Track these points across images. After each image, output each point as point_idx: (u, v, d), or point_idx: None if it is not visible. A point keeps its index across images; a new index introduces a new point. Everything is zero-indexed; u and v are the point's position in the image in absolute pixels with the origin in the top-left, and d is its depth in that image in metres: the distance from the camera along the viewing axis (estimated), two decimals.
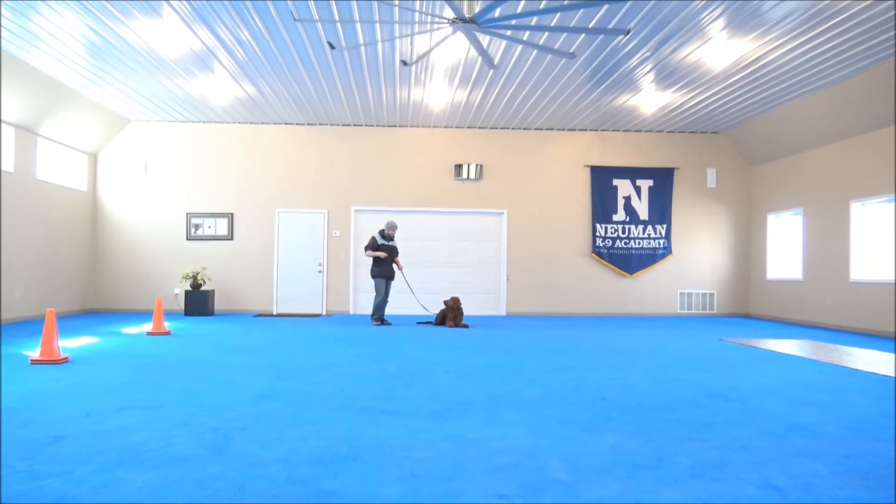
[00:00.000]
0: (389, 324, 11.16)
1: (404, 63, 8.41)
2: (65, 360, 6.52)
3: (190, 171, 13.61)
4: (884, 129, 10.49)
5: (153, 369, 6.17)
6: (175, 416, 4.26)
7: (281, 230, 13.72)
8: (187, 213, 13.58)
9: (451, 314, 11.08)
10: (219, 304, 13.54)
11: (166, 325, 10.18)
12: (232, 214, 13.64)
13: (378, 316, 11.14)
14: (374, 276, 11.16)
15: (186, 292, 12.76)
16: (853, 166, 11.21)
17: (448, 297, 11.29)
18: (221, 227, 13.62)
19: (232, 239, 13.63)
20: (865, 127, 10.79)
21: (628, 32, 7.84)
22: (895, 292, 10.20)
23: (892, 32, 8.24)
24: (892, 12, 7.71)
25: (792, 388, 5.57)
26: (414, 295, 11.63)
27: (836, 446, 3.78)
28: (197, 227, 13.59)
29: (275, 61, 9.80)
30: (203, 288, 13.03)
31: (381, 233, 11.21)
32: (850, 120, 10.96)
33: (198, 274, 12.90)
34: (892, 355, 7.85)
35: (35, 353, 6.81)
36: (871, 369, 6.69)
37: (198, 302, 12.73)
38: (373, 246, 11.12)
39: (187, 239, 13.57)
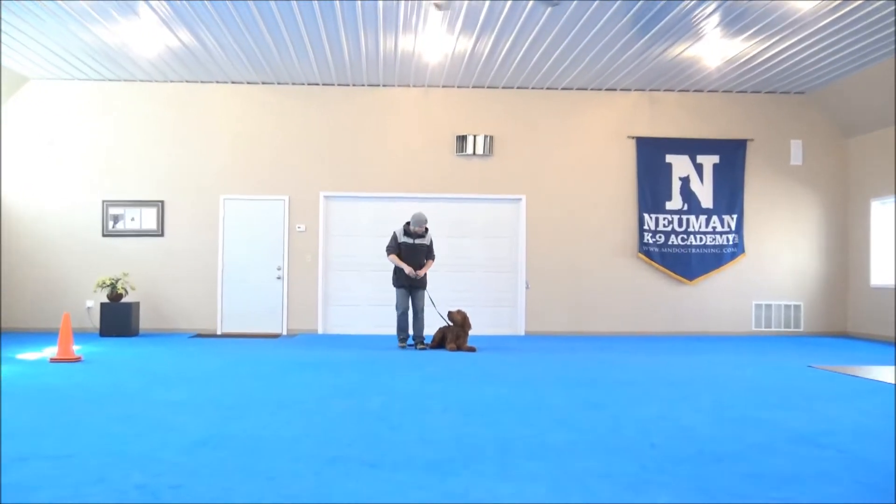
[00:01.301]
0: (424, 346, 11.25)
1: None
2: None
3: (107, 145, 13.64)
4: None
5: (60, 407, 6.14)
6: (89, 469, 4.24)
7: (227, 223, 13.75)
8: (104, 201, 13.60)
9: (452, 334, 11.10)
10: (145, 321, 13.56)
11: (76, 349, 10.13)
12: (162, 203, 13.66)
13: (402, 336, 11.36)
14: (394, 283, 11.40)
15: (103, 306, 12.77)
16: None
17: (454, 310, 11.20)
18: (149, 219, 13.64)
19: (162, 235, 13.66)
20: None
21: None
22: None
23: None
24: None
25: None
26: (435, 307, 11.48)
27: None
28: (116, 219, 13.61)
29: (219, 1, 9.81)
30: (125, 300, 13.05)
31: (406, 227, 11.26)
32: None
33: (118, 281, 12.90)
34: None
35: None
36: None
37: (117, 318, 12.73)
38: (394, 246, 11.27)
39: (104, 235, 13.59)
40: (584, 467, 4.39)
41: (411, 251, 11.17)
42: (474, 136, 13.85)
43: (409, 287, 11.18)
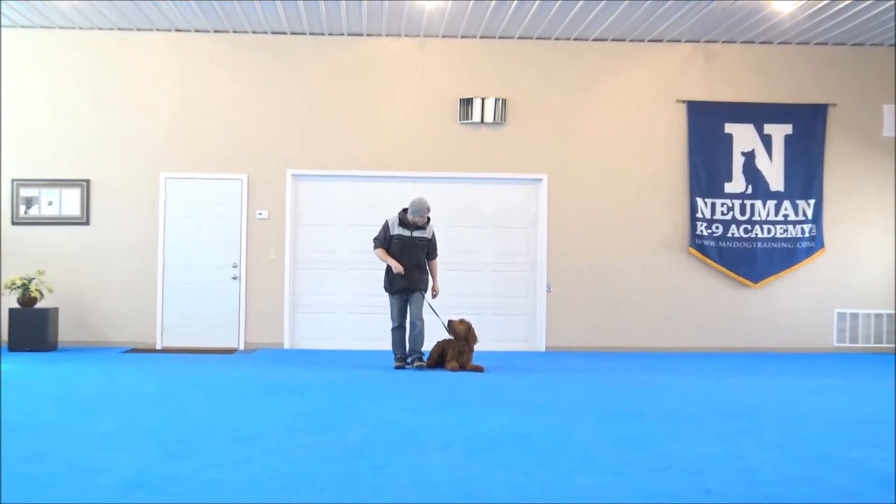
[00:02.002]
0: (422, 364, 11.19)
1: None
2: None
3: (18, 110, 13.63)
4: None
5: None
6: None
7: (170, 209, 13.78)
8: (13, 181, 13.60)
9: (453, 349, 11.08)
10: (65, 332, 13.54)
11: None
12: (87, 183, 13.66)
13: (399, 354, 11.32)
14: (385, 288, 11.37)
15: (12, 312, 12.78)
16: None
17: (455, 319, 11.13)
18: (70, 203, 13.64)
19: (88, 223, 13.67)
20: None
21: None
22: None
23: None
24: None
25: None
26: (437, 315, 11.34)
27: None
28: (29, 202, 13.62)
29: None
30: (39, 305, 13.02)
31: (402, 217, 11.23)
32: None
33: (31, 282, 12.89)
34: None
35: None
36: None
37: (31, 328, 12.73)
38: (382, 239, 11.24)
39: (13, 223, 13.60)
40: None
41: (407, 246, 11.09)
42: (482, 100, 13.84)
43: (405, 291, 11.14)
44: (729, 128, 14.16)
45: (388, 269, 11.15)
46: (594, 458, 5.83)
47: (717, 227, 14.12)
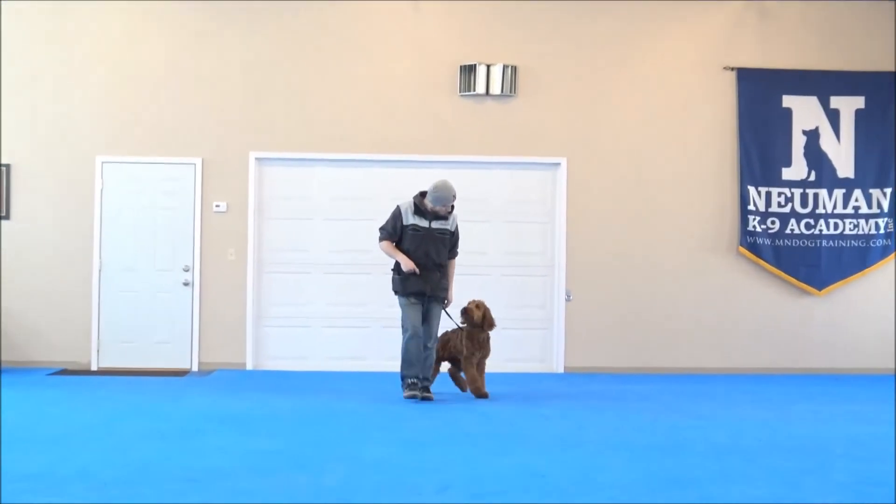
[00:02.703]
0: (429, 395, 10.51)
1: None
2: None
3: None
4: None
5: None
6: None
7: (108, 200, 13.75)
8: None
9: (466, 345, 10.68)
10: None
11: None
12: (7, 168, 13.64)
13: (411, 377, 10.47)
14: (395, 289, 10.73)
15: None
16: None
17: (471, 304, 10.72)
18: None
19: (7, 217, 13.65)
20: None
21: None
22: None
23: None
24: None
25: None
26: (450, 317, 10.89)
27: None
28: None
29: None
30: None
31: (419, 203, 10.59)
32: None
33: None
34: None
35: None
36: None
37: None
38: (391, 229, 10.65)
39: None
40: None
41: (424, 240, 10.47)
42: (488, 68, 13.84)
43: (421, 296, 10.50)
44: (788, 101, 14.18)
45: (398, 265, 10.50)
46: (627, 500, 5.83)
47: (772, 222, 14.16)
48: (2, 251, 13.55)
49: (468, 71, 13.84)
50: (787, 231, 14.14)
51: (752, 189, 14.12)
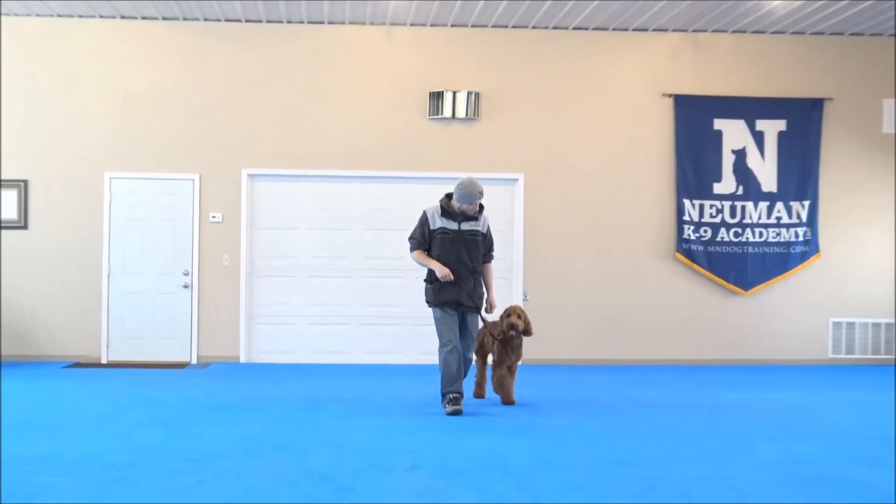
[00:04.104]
0: (460, 409, 8.73)
1: None
2: None
3: None
4: None
5: None
6: None
7: (115, 211, 13.69)
8: None
9: (502, 352, 9.45)
10: (2, 345, 13.43)
11: None
12: (25, 183, 13.55)
13: (453, 392, 8.77)
14: (427, 300, 9.18)
15: None
16: None
17: (513, 311, 9.46)
18: (7, 205, 13.56)
19: (25, 227, 13.56)
20: None
21: None
22: None
23: None
24: None
25: None
26: (485, 323, 9.54)
27: None
28: None
29: None
30: None
31: (446, 204, 9.10)
32: None
33: None
34: None
35: None
36: None
37: None
38: (420, 237, 9.14)
39: None
40: None
41: (455, 243, 8.93)
42: (454, 94, 13.83)
43: (457, 305, 8.93)
44: (718, 124, 14.24)
45: (431, 274, 9.02)
46: (577, 480, 5.91)
47: (705, 231, 14.19)
48: (21, 257, 13.51)
49: (436, 97, 13.82)
50: (718, 239, 14.18)
51: (687, 202, 14.15)
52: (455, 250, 8.84)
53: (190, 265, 13.75)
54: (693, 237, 14.15)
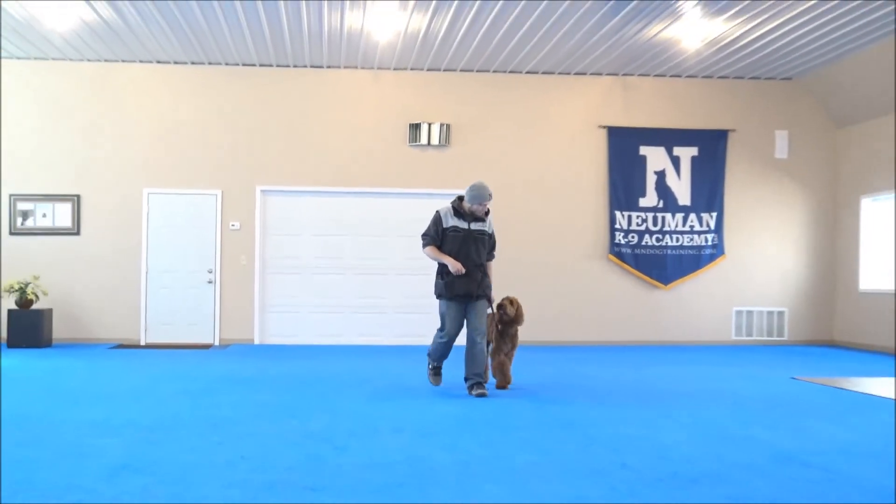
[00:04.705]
0: (483, 392, 8.05)
1: None
2: None
3: (14, 133, 13.40)
4: None
5: None
6: None
7: (152, 220, 13.61)
8: (11, 196, 13.37)
9: (500, 339, 8.61)
10: (59, 330, 13.37)
11: None
12: (78, 197, 13.48)
13: (434, 363, 8.42)
14: (437, 293, 8.33)
15: (10, 313, 12.58)
16: None
17: (507, 299, 8.68)
18: (62, 215, 13.46)
19: (78, 233, 13.48)
20: None
21: None
22: None
23: None
24: None
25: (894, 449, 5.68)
26: (492, 309, 8.74)
27: None
28: (26, 215, 13.41)
29: None
30: (35, 307, 12.84)
31: (457, 205, 8.36)
32: None
33: (27, 286, 12.70)
34: None
35: None
36: None
37: (27, 327, 12.55)
38: (434, 234, 8.31)
39: (11, 233, 13.37)
40: (549, 491, 4.44)
41: (465, 241, 8.20)
42: (429, 125, 13.85)
43: (467, 297, 8.18)
44: (643, 150, 14.25)
45: (442, 270, 8.23)
46: (530, 438, 5.91)
47: (632, 237, 14.21)
48: (75, 258, 13.44)
49: (415, 127, 13.83)
50: (643, 243, 14.20)
51: (618, 213, 14.17)
52: (465, 248, 8.12)
53: (213, 264, 13.67)
54: (623, 242, 14.18)
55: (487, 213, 8.38)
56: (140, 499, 4.20)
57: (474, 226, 8.24)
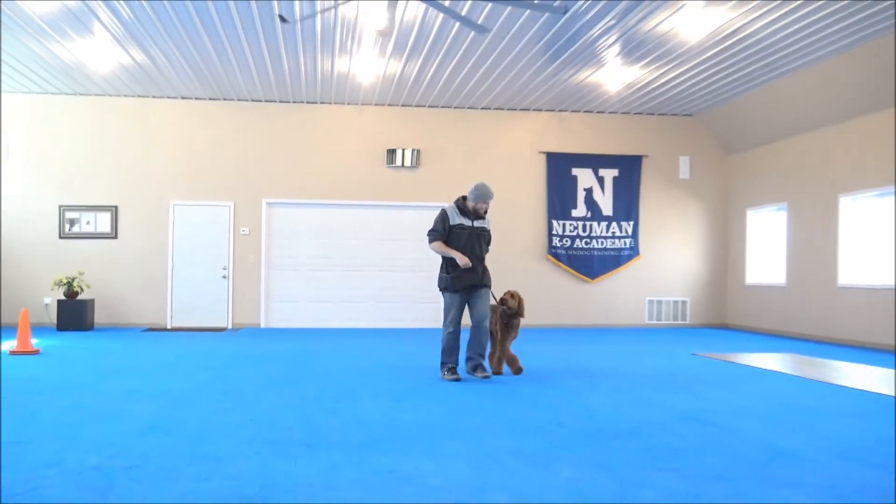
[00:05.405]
0: (487, 374, 7.31)
1: (283, 19, 7.97)
2: None
3: (63, 155, 13.23)
4: (880, 112, 10.88)
5: (17, 397, 5.98)
6: (45, 454, 4.14)
7: (177, 227, 13.49)
8: (60, 206, 13.21)
9: (504, 330, 7.80)
10: (99, 316, 13.23)
11: (34, 342, 9.87)
12: (116, 208, 13.34)
13: (451, 364, 7.29)
14: (443, 287, 7.46)
15: (59, 302, 12.41)
16: (844, 155, 11.65)
17: (508, 294, 7.85)
18: (103, 222, 13.31)
19: (116, 237, 13.33)
20: (859, 110, 11.22)
21: (566, 12, 7.94)
22: None
23: (892, 0, 8.59)
24: None
25: (773, 410, 5.77)
26: (495, 299, 7.90)
27: (823, 475, 3.92)
28: (73, 222, 13.24)
29: (168, 21, 9.60)
30: (80, 297, 12.71)
31: (461, 204, 7.58)
32: (842, 102, 11.38)
33: (74, 280, 12.54)
34: (886, 371, 8.18)
35: None
36: (863, 387, 6.97)
37: (74, 314, 12.39)
38: (441, 230, 7.42)
39: (60, 237, 13.20)
40: (499, 445, 4.47)
41: (469, 237, 7.41)
42: (403, 150, 13.81)
43: (468, 289, 7.35)
44: (575, 171, 14.28)
45: (447, 265, 7.40)
46: (482, 403, 5.93)
47: (566, 241, 14.23)
48: (113, 258, 13.29)
49: (391, 152, 13.78)
50: (575, 246, 14.21)
51: (555, 222, 14.19)
52: (469, 243, 7.32)
53: (227, 262, 13.56)
54: (559, 245, 14.20)
55: (486, 211, 7.61)
56: (166, 453, 4.19)
57: (476, 223, 7.48)
